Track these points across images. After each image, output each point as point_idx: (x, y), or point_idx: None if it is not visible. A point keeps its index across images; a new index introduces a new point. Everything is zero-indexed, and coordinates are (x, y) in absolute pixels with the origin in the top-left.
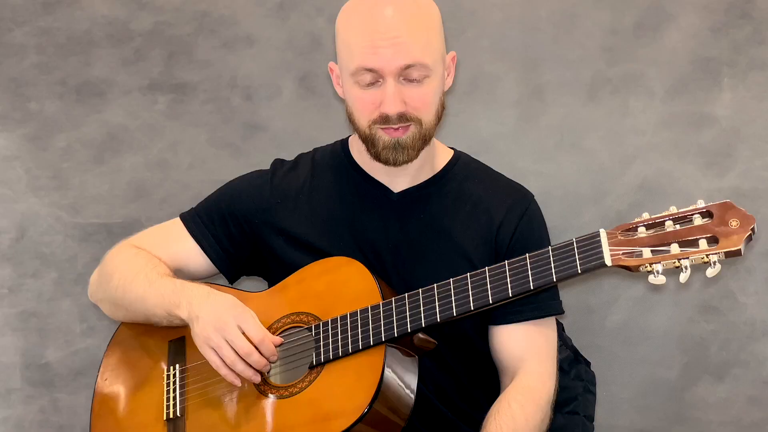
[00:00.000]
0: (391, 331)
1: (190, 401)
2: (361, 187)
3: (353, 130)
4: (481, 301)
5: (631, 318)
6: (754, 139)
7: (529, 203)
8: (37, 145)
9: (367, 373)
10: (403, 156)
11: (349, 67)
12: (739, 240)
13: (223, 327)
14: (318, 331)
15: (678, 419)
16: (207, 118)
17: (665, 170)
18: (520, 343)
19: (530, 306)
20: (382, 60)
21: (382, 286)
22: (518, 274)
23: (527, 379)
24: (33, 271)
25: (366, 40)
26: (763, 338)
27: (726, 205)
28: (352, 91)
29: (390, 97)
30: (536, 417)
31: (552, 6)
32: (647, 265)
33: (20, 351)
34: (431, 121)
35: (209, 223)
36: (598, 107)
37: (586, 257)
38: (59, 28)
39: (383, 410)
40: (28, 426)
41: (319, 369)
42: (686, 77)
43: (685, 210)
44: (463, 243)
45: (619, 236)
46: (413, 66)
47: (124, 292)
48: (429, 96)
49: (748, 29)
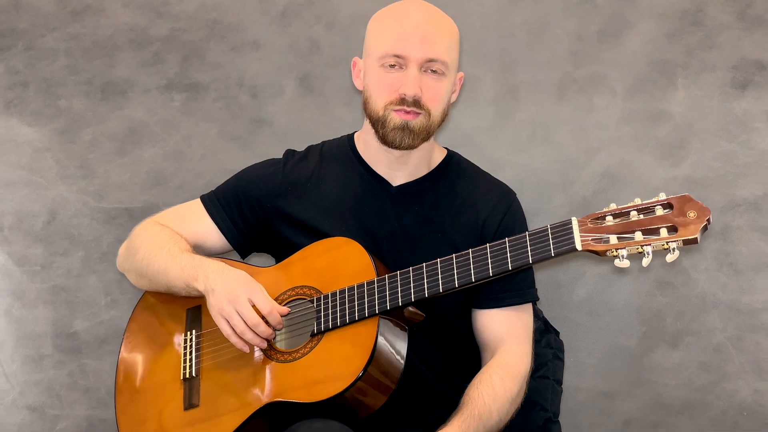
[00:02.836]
0: (384, 304)
1: (205, 363)
2: (364, 179)
3: (366, 117)
4: (464, 279)
5: (596, 292)
6: (704, 133)
7: (512, 201)
8: (66, 138)
9: (362, 341)
10: (408, 139)
11: (378, 52)
12: (696, 229)
13: (235, 299)
14: (319, 303)
15: (637, 382)
16: (217, 114)
17: (626, 161)
18: (501, 326)
19: (510, 293)
20: (410, 49)
21: (377, 264)
22: (498, 256)
23: (507, 356)
24: (63, 250)
25: (398, 30)
26: (713, 310)
27: (685, 198)
28: (376, 74)
29: (411, 80)
30: (513, 389)
31: (525, 15)
32: (614, 250)
33: (51, 321)
34: (437, 117)
35: (226, 206)
36: (566, 105)
37: (559, 242)
38: (86, 34)
39: (376, 374)
40: (58, 388)
41: (320, 337)
42: (644, 78)
43: (649, 201)
44: (452, 235)
45: (589, 224)
46: (435, 61)
47: (148, 264)
48: (441, 92)
49: (699, 35)
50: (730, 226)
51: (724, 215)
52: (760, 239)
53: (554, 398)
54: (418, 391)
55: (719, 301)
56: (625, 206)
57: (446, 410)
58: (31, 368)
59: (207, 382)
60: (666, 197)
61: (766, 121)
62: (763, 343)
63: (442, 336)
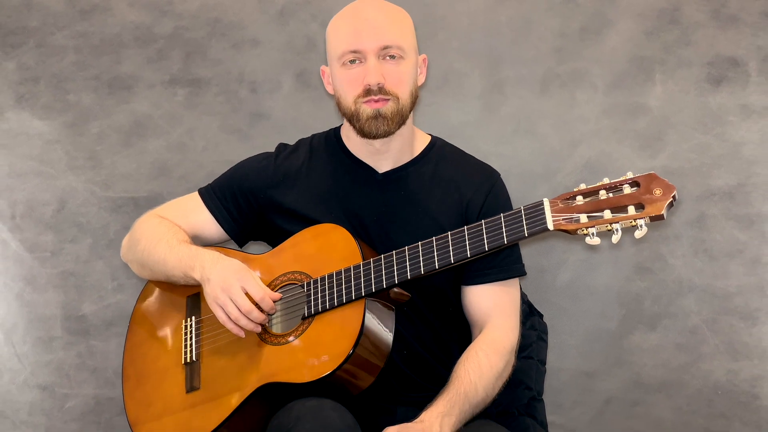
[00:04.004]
0: (369, 286)
1: (205, 348)
2: (351, 168)
3: (342, 117)
4: (444, 261)
5: (578, 277)
6: (681, 126)
7: (495, 181)
8: (75, 131)
9: (350, 323)
10: (383, 126)
11: (337, 52)
12: (661, 206)
13: (229, 288)
14: (309, 287)
15: (617, 363)
16: (219, 108)
17: (606, 152)
18: (488, 301)
19: (496, 269)
20: (364, 41)
21: (363, 248)
22: (475, 237)
23: (493, 332)
24: (71, 237)
25: (351, 28)
26: (689, 294)
27: (651, 176)
28: (339, 74)
29: (372, 69)
30: (499, 365)
31: (510, 13)
32: (584, 228)
33: (61, 305)
34: (406, 100)
35: (222, 198)
36: (549, 99)
37: (531, 222)
38: (94, 32)
39: (364, 353)
40: (67, 368)
41: (311, 320)
42: (624, 73)
43: (616, 180)
44: (437, 217)
45: (560, 204)
46: (390, 47)
47: (148, 255)
48: (403, 75)
49: (676, 33)
50: (706, 214)
51: (700, 204)
52: (734, 227)
53: (538, 377)
54: (411, 368)
55: (695, 286)
56: (594, 186)
57: (439, 387)
58: (42, 349)
59: (207, 365)
60: (633, 176)
61: (739, 114)
62: (736, 325)
63: (434, 314)
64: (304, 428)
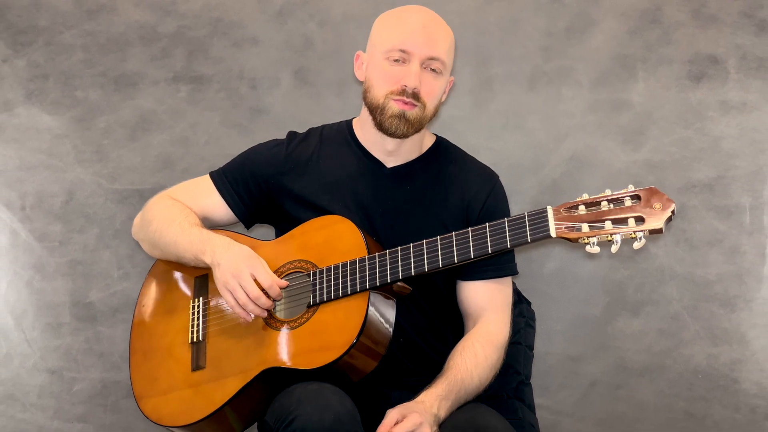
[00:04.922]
0: (374, 280)
1: (211, 328)
2: (360, 160)
3: (365, 105)
4: (448, 260)
5: (564, 266)
6: (662, 121)
7: (495, 183)
8: (83, 126)
9: (354, 314)
10: (404, 127)
11: (385, 46)
12: (660, 221)
13: (239, 274)
14: (315, 276)
15: (601, 348)
16: (220, 103)
17: (591, 146)
18: (483, 297)
19: (493, 267)
20: (416, 45)
21: (369, 242)
22: (479, 240)
23: (488, 325)
24: (79, 227)
25: (405, 28)
26: (670, 282)
27: (651, 190)
28: (380, 66)
29: (413, 73)
30: (493, 356)
31: (499, 13)
32: (585, 238)
33: (69, 292)
34: (431, 111)
35: (233, 182)
36: (536, 95)
37: (535, 229)
38: (100, 31)
39: (367, 342)
40: (75, 353)
41: (315, 308)
42: (608, 71)
43: (618, 193)
44: (440, 212)
45: (563, 212)
46: (436, 59)
47: (160, 236)
48: (437, 89)
49: (658, 32)
50: (687, 205)
51: (681, 196)
52: (714, 218)
53: (526, 362)
54: (407, 355)
55: (676, 274)
56: (597, 197)
57: (432, 373)
58: (51, 335)
59: (213, 346)
60: (634, 189)
61: (718, 110)
62: (716, 311)
63: (430, 305)
64: (305, 411)
